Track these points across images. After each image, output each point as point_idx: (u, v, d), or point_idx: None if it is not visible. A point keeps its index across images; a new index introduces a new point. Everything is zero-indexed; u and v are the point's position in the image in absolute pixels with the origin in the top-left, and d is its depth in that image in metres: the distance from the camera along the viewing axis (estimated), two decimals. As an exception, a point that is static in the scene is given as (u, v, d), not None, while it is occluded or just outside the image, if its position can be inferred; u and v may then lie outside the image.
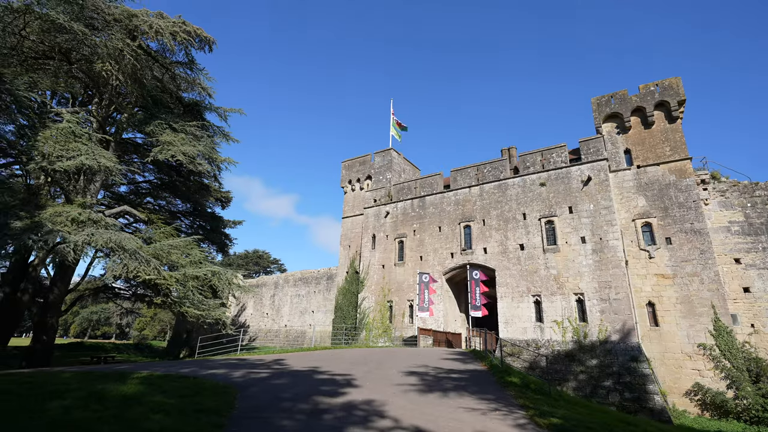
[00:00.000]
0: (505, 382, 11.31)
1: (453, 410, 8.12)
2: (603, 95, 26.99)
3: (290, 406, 7.73)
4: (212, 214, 31.71)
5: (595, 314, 21.76)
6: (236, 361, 15.01)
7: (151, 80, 22.65)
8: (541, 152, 26.81)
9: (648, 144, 24.94)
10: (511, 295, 24.75)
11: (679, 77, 24.76)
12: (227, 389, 8.72)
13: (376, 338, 29.12)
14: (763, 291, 21.22)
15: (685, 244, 22.11)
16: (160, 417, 6.00)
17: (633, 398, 18.55)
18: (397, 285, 29.86)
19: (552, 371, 20.93)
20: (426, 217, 30.28)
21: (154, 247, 18.73)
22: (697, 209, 22.41)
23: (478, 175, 28.94)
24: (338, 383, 10.13)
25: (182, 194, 29.32)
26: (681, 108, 24.44)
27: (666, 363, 20.80)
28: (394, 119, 37.19)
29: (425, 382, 10.75)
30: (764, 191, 22.75)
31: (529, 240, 25.20)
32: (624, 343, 20.47)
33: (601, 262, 22.49)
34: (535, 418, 7.88)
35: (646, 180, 24.30)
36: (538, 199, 25.72)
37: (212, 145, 25.38)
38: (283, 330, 43.17)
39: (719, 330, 19.94)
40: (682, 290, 21.49)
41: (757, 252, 21.88)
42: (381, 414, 7.36)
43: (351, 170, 38.57)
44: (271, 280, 48.16)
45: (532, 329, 23.38)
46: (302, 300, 42.96)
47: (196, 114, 26.88)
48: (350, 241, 35.91)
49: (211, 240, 31.54)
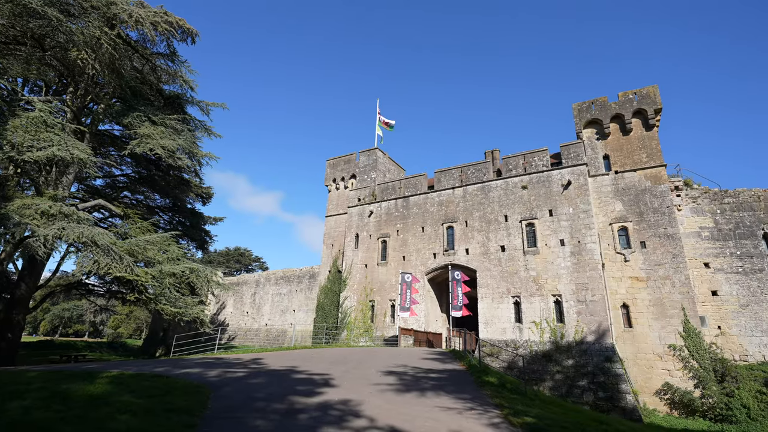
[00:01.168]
0: (483, 381, 11.43)
1: (429, 410, 8.15)
2: (584, 101, 27.59)
3: (265, 405, 7.62)
4: (192, 210, 31.06)
5: (572, 315, 22.23)
6: (213, 360, 14.73)
7: (130, 71, 22.03)
8: (524, 155, 27.23)
9: (626, 150, 25.62)
10: (492, 295, 25.05)
11: (656, 86, 25.52)
12: (200, 389, 8.53)
13: (357, 338, 29.05)
14: (730, 294, 22.07)
15: (658, 248, 22.80)
16: (127, 417, 5.82)
17: (606, 397, 19.02)
18: (380, 285, 29.86)
19: (529, 371, 21.28)
20: (410, 217, 30.36)
21: (130, 243, 18.21)
22: (670, 215, 23.14)
23: (462, 176, 29.19)
24: (315, 383, 10.04)
25: (161, 189, 28.62)
26: (657, 116, 25.19)
27: (638, 363, 21.41)
28: (381, 118, 37.18)
29: (403, 382, 10.77)
30: (732, 198, 23.66)
31: (510, 242, 25.55)
32: (599, 344, 20.97)
33: (579, 264, 22.98)
34: (510, 417, 7.98)
35: (623, 185, 24.95)
36: (520, 201, 26.11)
37: (193, 140, 24.86)
38: (263, 329, 42.63)
39: (688, 331, 20.64)
40: (655, 293, 22.15)
41: (725, 257, 22.75)
42: (357, 414, 7.32)
43: (336, 169, 38.37)
44: (252, 279, 47.49)
45: (511, 330, 23.71)
46: (284, 299, 42.51)
47: (177, 107, 26.28)
48: (333, 240, 35.72)
49: (191, 236, 30.90)
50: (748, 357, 20.78)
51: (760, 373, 18.92)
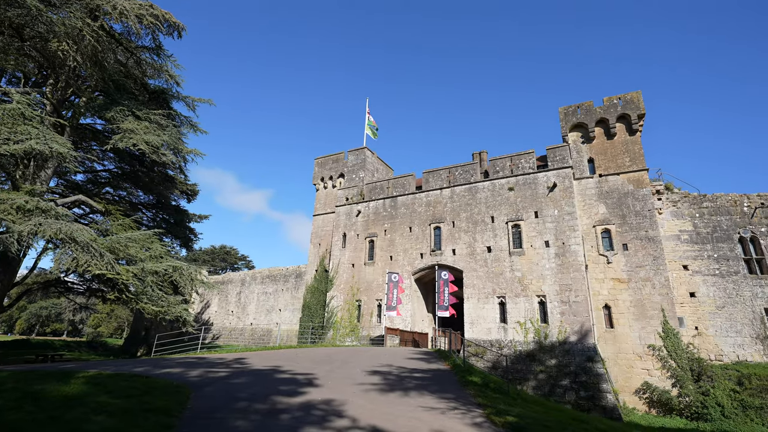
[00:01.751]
0: (466, 381, 11.50)
1: (412, 409, 8.16)
2: (570, 105, 28.02)
3: (246, 406, 7.52)
4: (176, 207, 30.52)
5: (556, 316, 22.55)
6: (195, 359, 14.51)
7: (113, 64, 21.51)
8: (511, 158, 27.51)
9: (610, 154, 26.10)
10: (477, 296, 25.25)
11: (639, 91, 26.07)
12: (180, 389, 8.39)
13: (343, 337, 28.96)
14: (707, 296, 22.68)
15: (639, 251, 23.29)
16: (103, 418, 5.68)
17: (587, 397, 19.35)
18: (367, 284, 29.81)
19: (513, 371, 21.52)
20: (397, 217, 30.40)
21: (111, 240, 17.79)
22: (651, 218, 23.66)
23: (450, 177, 29.35)
24: (299, 383, 9.97)
25: (145, 185, 28.05)
26: (641, 121, 25.73)
27: (619, 363, 21.84)
28: (370, 118, 37.12)
29: (387, 382, 10.77)
30: (711, 203, 24.32)
31: (497, 243, 25.80)
32: (581, 344, 21.32)
33: (563, 265, 23.33)
34: (492, 416, 8.04)
35: (606, 188, 25.42)
36: (506, 203, 26.38)
37: (178, 136, 24.42)
38: (248, 328, 42.17)
39: (667, 332, 21.15)
40: (636, 294, 22.63)
41: (703, 260, 23.37)
42: (339, 414, 7.29)
43: (324, 167, 38.18)
44: (237, 277, 46.94)
45: (496, 330, 23.94)
46: (269, 298, 42.12)
47: (162, 102, 25.78)
48: (321, 239, 35.54)
49: (175, 234, 30.36)
50: (723, 357, 21.38)
51: (733, 373, 19.49)
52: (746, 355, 21.07)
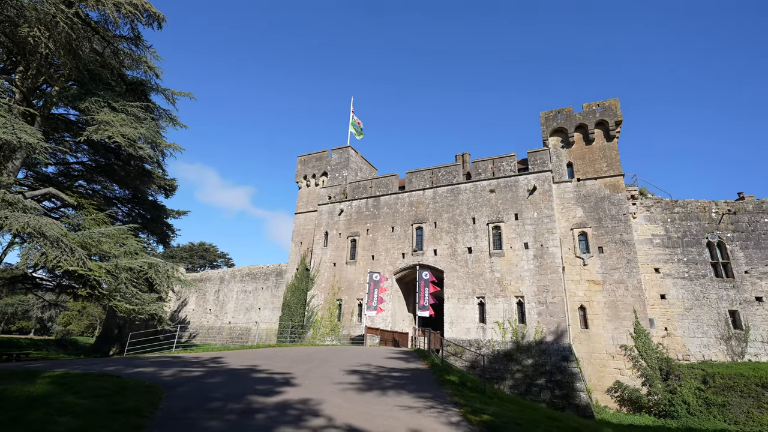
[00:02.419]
0: (444, 380, 11.61)
1: (389, 408, 8.18)
2: (551, 110, 28.60)
3: (221, 406, 7.40)
4: (153, 202, 29.76)
5: (533, 316, 23.00)
6: (169, 358, 14.18)
7: (89, 53, 20.80)
8: (493, 160, 27.90)
9: (588, 159, 26.78)
10: (458, 296, 25.51)
11: (617, 99, 26.83)
12: (152, 388, 8.18)
13: (323, 337, 28.80)
14: (676, 298, 23.55)
15: (614, 254, 23.98)
16: (68, 419, 5.49)
17: (562, 395, 19.82)
18: (348, 283, 29.73)
19: (491, 370, 21.85)
20: (380, 216, 30.42)
21: (83, 235, 17.20)
22: (626, 222, 24.40)
23: (433, 178, 29.55)
24: (276, 382, 9.86)
25: (120, 179, 27.23)
26: (618, 128, 26.49)
27: (592, 362, 22.44)
28: (354, 117, 37.01)
29: (366, 381, 10.77)
30: (682, 209, 25.26)
31: (477, 244, 26.12)
32: (557, 344, 21.81)
33: (541, 267, 23.81)
34: (468, 415, 8.14)
35: (584, 192, 26.07)
36: (488, 204, 26.74)
37: (156, 129, 23.81)
38: (226, 327, 41.45)
39: (638, 333, 21.86)
40: (610, 295, 23.30)
41: (673, 263, 24.25)
42: (316, 413, 7.25)
43: (307, 165, 37.86)
44: (216, 275, 46.08)
45: (475, 330, 24.25)
46: (249, 296, 41.51)
47: (140, 94, 25.07)
48: (302, 238, 35.24)
49: (151, 230, 29.60)
50: (690, 356, 22.25)
51: (699, 372, 20.30)
52: (711, 354, 21.97)
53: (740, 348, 21.64)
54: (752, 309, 22.18)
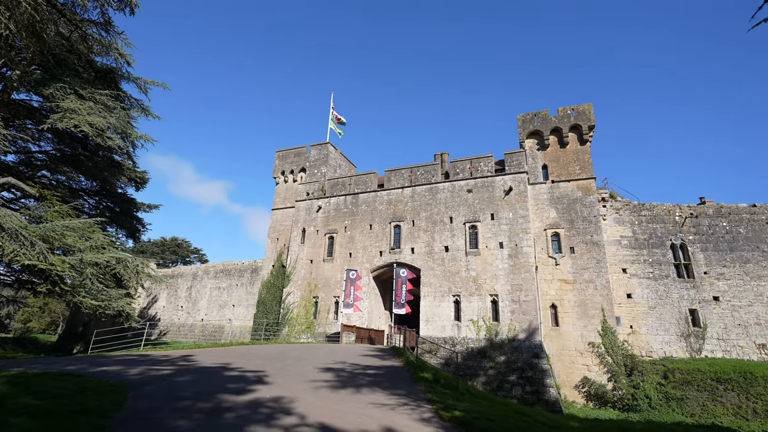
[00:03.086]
0: (418, 377, 11.72)
1: (363, 406, 8.19)
2: (528, 113, 29.24)
3: (190, 405, 7.21)
4: (123, 195, 28.61)
5: (507, 314, 23.51)
6: (137, 357, 13.72)
7: (54, 37, 19.75)
8: (470, 160, 28.29)
9: (562, 162, 27.54)
10: (434, 294, 25.78)
11: (590, 104, 27.69)
12: (117, 388, 7.89)
13: (299, 334, 28.54)
14: (641, 297, 24.59)
15: (585, 254, 24.79)
16: (23, 420, 5.22)
17: (532, 391, 20.37)
18: (325, 281, 29.55)
19: (465, 367, 22.21)
20: (358, 214, 30.35)
21: (44, 228, 16.38)
22: (596, 223, 25.25)
23: (412, 176, 29.70)
24: (248, 380, 9.70)
25: (87, 170, 26.03)
26: (591, 132, 27.35)
27: (562, 359, 23.16)
28: (334, 114, 36.73)
29: (340, 379, 10.74)
30: (648, 211, 26.36)
31: (454, 242, 26.45)
32: (529, 341, 22.38)
33: (515, 266, 24.35)
34: (440, 411, 8.24)
35: (558, 194, 26.80)
36: (465, 204, 27.11)
37: (127, 119, 22.93)
38: (199, 324, 40.46)
39: (606, 330, 22.70)
40: (580, 294, 24.08)
41: (639, 263, 25.29)
42: (288, 411, 7.17)
43: (285, 161, 37.32)
44: (189, 271, 44.86)
45: (451, 327, 24.58)
46: (223, 293, 40.64)
47: (110, 82, 24.04)
48: (279, 234, 34.75)
49: (120, 224, 28.47)
50: (653, 353, 23.28)
51: (660, 367, 21.29)
52: (672, 351, 23.07)
53: (698, 345, 22.80)
54: (710, 308, 23.40)
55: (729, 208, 25.24)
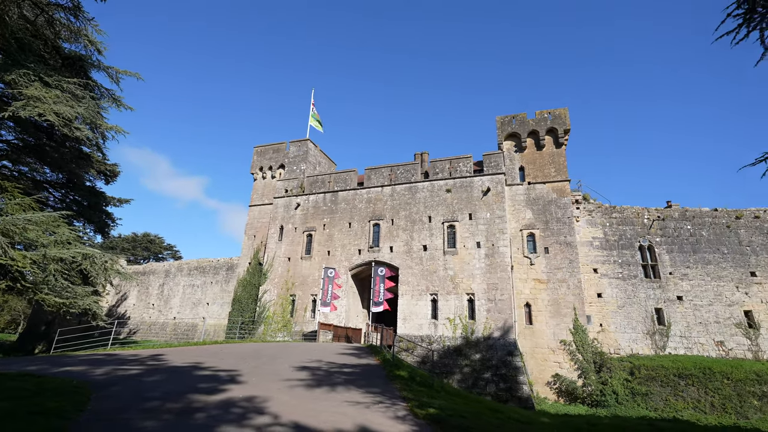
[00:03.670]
0: (394, 375, 11.75)
1: (338, 404, 8.15)
2: (506, 115, 29.76)
3: (158, 405, 7.00)
4: (91, 188, 27.45)
5: (483, 313, 23.90)
6: (103, 356, 13.22)
7: (17, 20, 18.77)
8: (450, 161, 28.58)
9: (538, 164, 28.18)
10: (412, 293, 25.93)
11: (566, 108, 28.43)
12: (80, 389, 7.58)
13: (275, 333, 28.16)
14: (611, 297, 25.47)
15: (558, 254, 25.47)
16: (-25, 424, 4.93)
17: (506, 388, 20.79)
18: (302, 279, 29.25)
19: (441, 365, 22.45)
20: (337, 212, 30.18)
21: (4, 221, 15.54)
22: (570, 225, 25.98)
23: (391, 175, 29.75)
24: (220, 379, 9.50)
25: (53, 162, 24.82)
26: (566, 136, 28.09)
27: (535, 357, 23.73)
28: (315, 110, 36.36)
29: (315, 377, 10.65)
30: (619, 214, 27.32)
31: (432, 242, 26.67)
32: (503, 339, 22.83)
33: (492, 265, 24.78)
34: (415, 409, 8.29)
35: (534, 195, 27.43)
36: (444, 204, 27.37)
37: (97, 109, 22.03)
38: (171, 323, 39.34)
39: (577, 328, 23.41)
40: (553, 294, 24.73)
41: (610, 264, 26.18)
42: (261, 411, 7.06)
43: (263, 156, 36.71)
44: (161, 268, 43.54)
45: (428, 326, 24.79)
46: (196, 291, 39.64)
47: (78, 70, 23.02)
48: (256, 231, 34.17)
49: (88, 218, 27.32)
50: (621, 350, 24.17)
51: (627, 364, 22.12)
52: (638, 348, 24.01)
53: (663, 342, 23.82)
54: (674, 307, 24.48)
55: (693, 211, 26.45)
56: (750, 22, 6.90)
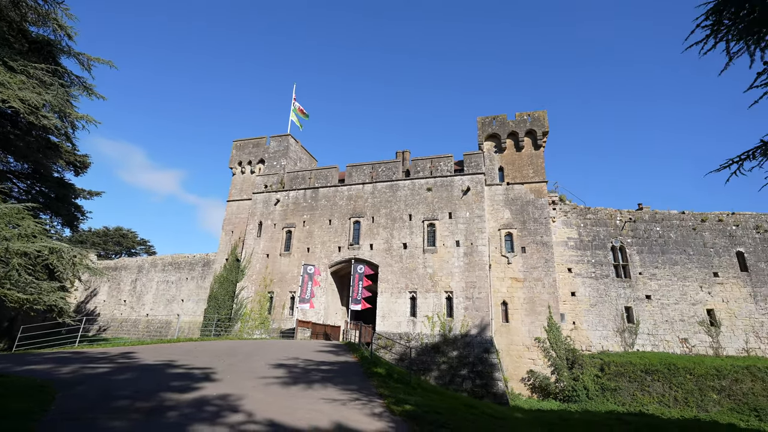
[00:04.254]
0: (371, 373, 11.79)
1: (314, 402, 8.12)
2: (487, 116, 30.17)
3: (127, 404, 6.81)
4: (60, 179, 26.33)
5: (461, 311, 24.22)
6: (70, 354, 12.74)
7: (-20, 0, 17.78)
8: (431, 159, 28.78)
9: (517, 165, 28.72)
10: (391, 290, 26.03)
11: (545, 111, 29.04)
12: (44, 388, 7.28)
13: (252, 330, 27.76)
14: (584, 295, 26.26)
15: (535, 254, 26.06)
16: (-74, 426, 4.67)
17: (482, 384, 21.17)
18: (281, 276, 28.92)
19: (419, 362, 22.65)
20: (318, 209, 29.95)
21: (-37, 212, 14.73)
22: (546, 225, 26.61)
23: (373, 173, 29.72)
24: (194, 377, 9.31)
25: (18, 151, 23.64)
26: (544, 138, 28.71)
27: (510, 354, 24.25)
28: (296, 105, 35.92)
29: (292, 375, 10.57)
30: (593, 215, 28.16)
31: (412, 240, 26.83)
32: (480, 337, 23.22)
33: (470, 264, 25.13)
34: (391, 405, 8.35)
35: (512, 196, 27.94)
36: (424, 202, 27.55)
37: (66, 97, 21.15)
38: (143, 320, 38.22)
39: (551, 326, 24.04)
40: (529, 292, 25.30)
41: (583, 264, 26.98)
42: (235, 409, 6.96)
43: (243, 151, 36.02)
44: (134, 263, 42.21)
45: (406, 323, 24.95)
46: (171, 287, 38.63)
47: (47, 56, 22.00)
48: (234, 227, 33.54)
49: (55, 211, 26.19)
50: (592, 347, 24.97)
51: (598, 361, 22.88)
52: (608, 345, 24.87)
53: (631, 339, 24.74)
54: (642, 305, 25.45)
55: (662, 214, 27.52)
56: (717, 33, 7.21)
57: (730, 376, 20.49)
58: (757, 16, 6.64)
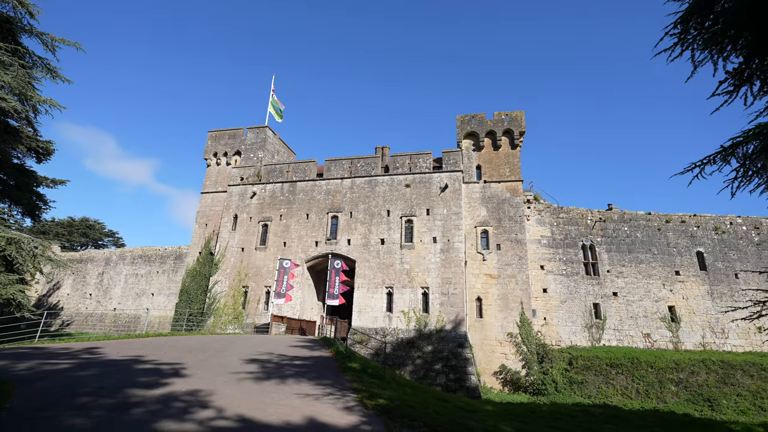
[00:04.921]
0: (346, 367, 11.79)
1: (286, 397, 8.05)
2: (466, 114, 30.50)
3: (90, 401, 6.55)
4: (20, 166, 24.91)
5: (436, 306, 24.53)
6: (29, 350, 12.15)
7: (-69, -30, 16.53)
8: (410, 156, 28.88)
9: (494, 163, 29.21)
10: (368, 286, 26.07)
11: (522, 111, 29.61)
12: (0, 385, 6.91)
13: (225, 325, 27.24)
14: (555, 292, 27.08)
15: (509, 251, 26.64)
16: None
17: (455, 379, 21.55)
18: (256, 270, 28.47)
19: (394, 357, 22.82)
20: (295, 203, 29.59)
21: None
22: (521, 223, 27.23)
23: (352, 168, 29.58)
24: (163, 373, 9.05)
25: (-28, 134, 22.26)
26: (521, 138, 29.30)
27: (484, 348, 24.77)
28: (274, 97, 35.26)
29: (265, 370, 10.45)
30: (566, 214, 29.00)
31: (390, 236, 26.91)
32: (455, 332, 23.60)
33: (447, 260, 25.45)
34: (365, 400, 8.37)
35: (489, 194, 28.42)
36: (402, 198, 27.66)
37: (27, 79, 20.04)
38: (111, 314, 36.86)
39: (523, 322, 24.68)
40: (503, 288, 25.87)
41: (555, 261, 27.79)
42: (205, 404, 6.82)
43: (218, 142, 35.11)
44: (100, 255, 40.57)
45: (382, 318, 25.07)
46: (140, 280, 37.38)
47: (5, 34, 20.75)
48: (208, 220, 32.72)
49: (15, 199, 24.78)
50: (562, 342, 25.82)
51: (567, 355, 23.69)
52: (577, 340, 25.77)
53: (598, 335, 25.72)
54: (609, 302, 26.48)
55: (630, 214, 28.64)
56: (684, 42, 7.52)
57: (688, 369, 21.63)
58: (721, 28, 6.96)
